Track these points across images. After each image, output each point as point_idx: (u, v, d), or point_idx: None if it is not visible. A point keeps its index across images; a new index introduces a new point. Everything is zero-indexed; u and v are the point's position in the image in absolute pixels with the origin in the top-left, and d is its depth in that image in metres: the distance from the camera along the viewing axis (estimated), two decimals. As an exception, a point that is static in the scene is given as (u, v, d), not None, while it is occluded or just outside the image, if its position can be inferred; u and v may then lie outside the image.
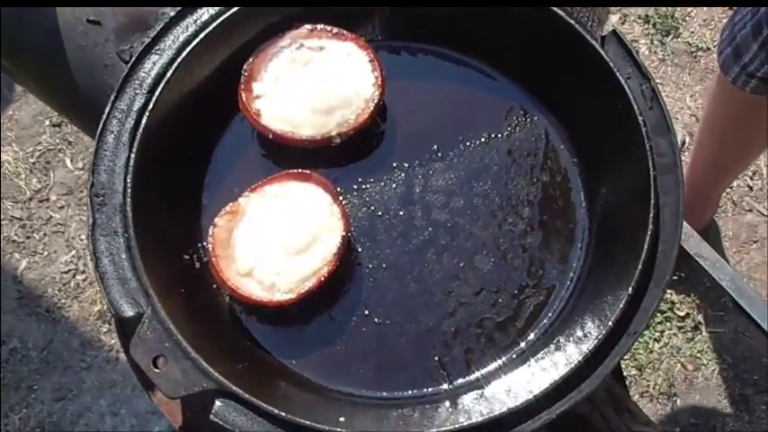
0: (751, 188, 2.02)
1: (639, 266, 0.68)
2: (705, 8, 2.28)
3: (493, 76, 0.88)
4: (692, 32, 2.25)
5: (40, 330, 2.00)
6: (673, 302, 1.91)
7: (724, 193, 1.99)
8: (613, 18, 2.32)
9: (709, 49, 2.22)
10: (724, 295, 1.89)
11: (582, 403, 0.72)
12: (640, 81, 0.78)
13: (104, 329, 1.98)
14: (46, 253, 2.10)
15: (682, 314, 1.89)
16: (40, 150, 2.22)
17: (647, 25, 2.28)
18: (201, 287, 0.79)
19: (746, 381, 1.83)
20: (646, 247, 0.68)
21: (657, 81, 2.12)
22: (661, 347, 1.85)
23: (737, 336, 1.87)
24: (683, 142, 2.07)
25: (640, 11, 2.29)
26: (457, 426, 0.64)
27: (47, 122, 2.24)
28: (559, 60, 0.82)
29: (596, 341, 0.66)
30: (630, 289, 0.67)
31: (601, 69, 0.78)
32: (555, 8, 0.79)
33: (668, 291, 1.90)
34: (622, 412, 0.78)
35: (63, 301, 2.04)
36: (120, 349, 1.96)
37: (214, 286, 0.79)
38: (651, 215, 0.70)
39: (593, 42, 0.78)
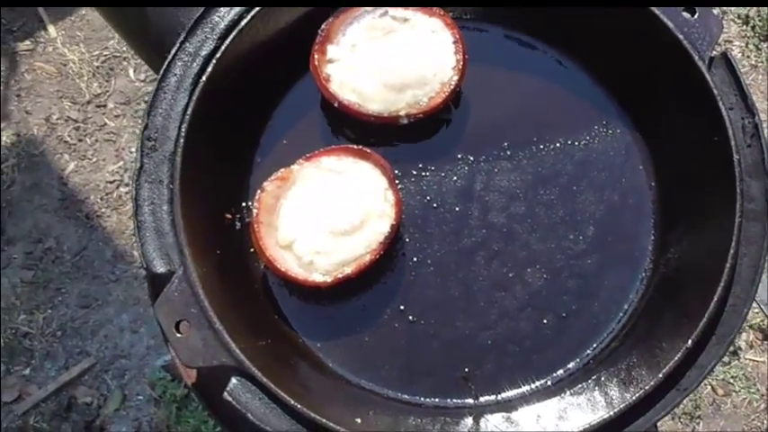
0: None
1: (704, 319, 0.63)
2: (812, 20, 2.14)
3: (582, 78, 0.82)
4: (793, 44, 2.12)
5: (77, 235, 2.02)
6: (714, 324, 1.84)
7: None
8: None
9: (807, 64, 2.08)
10: (771, 328, 1.82)
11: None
12: (743, 114, 0.71)
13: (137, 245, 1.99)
14: (95, 159, 2.10)
15: (721, 338, 1.82)
16: (105, 55, 2.20)
17: (745, 27, 2.15)
18: (238, 250, 0.76)
19: (777, 417, 1.77)
20: (715, 299, 0.63)
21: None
22: (693, 369, 1.79)
23: (776, 369, 1.80)
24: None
25: (741, 9, 2.16)
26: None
27: (116, 28, 2.22)
28: (658, 75, 0.75)
29: (642, 391, 0.61)
30: (690, 342, 0.62)
31: (702, 93, 0.71)
32: (665, 19, 0.72)
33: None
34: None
35: (103, 210, 2.05)
36: (151, 268, 1.97)
37: (251, 250, 0.76)
38: (728, 265, 0.64)
39: (700, 63, 0.71)
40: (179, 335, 0.64)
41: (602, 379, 0.68)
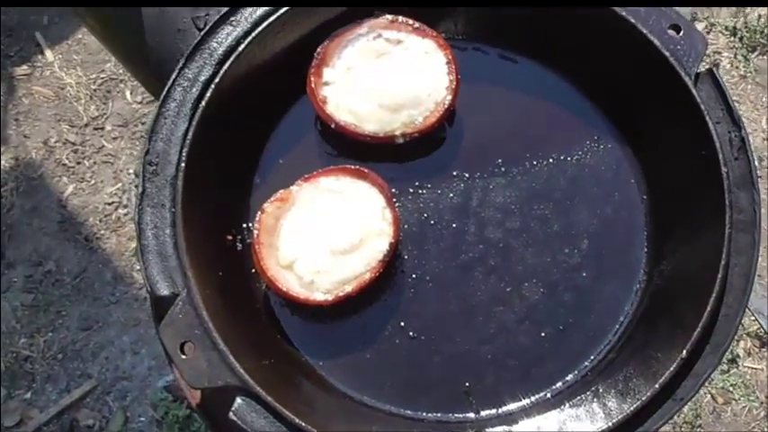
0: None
1: (698, 329, 0.64)
2: (799, 30, 2.17)
3: (573, 95, 0.83)
4: (781, 53, 2.15)
5: (76, 257, 2.03)
6: (712, 332, 1.85)
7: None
8: (699, 26, 2.22)
9: (795, 73, 2.11)
10: (768, 335, 1.84)
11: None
12: (730, 128, 0.73)
13: (137, 267, 2.00)
14: (93, 181, 2.11)
15: (719, 346, 1.83)
16: (102, 78, 2.22)
17: (733, 38, 2.18)
18: (239, 271, 0.77)
19: (777, 423, 1.78)
20: (708, 309, 0.64)
21: (734, 99, 2.03)
22: (692, 377, 1.80)
23: (776, 375, 1.82)
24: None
25: (729, 22, 2.19)
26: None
27: (112, 51, 2.24)
28: (647, 91, 0.77)
29: (640, 402, 0.63)
30: (685, 352, 0.64)
31: (689, 108, 0.73)
32: (652, 37, 0.74)
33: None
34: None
35: (102, 231, 2.06)
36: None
37: (252, 271, 0.77)
38: (719, 276, 0.66)
39: (686, 79, 0.73)
40: (184, 356, 0.65)
41: (601, 390, 0.70)
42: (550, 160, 0.82)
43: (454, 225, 0.79)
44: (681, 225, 0.75)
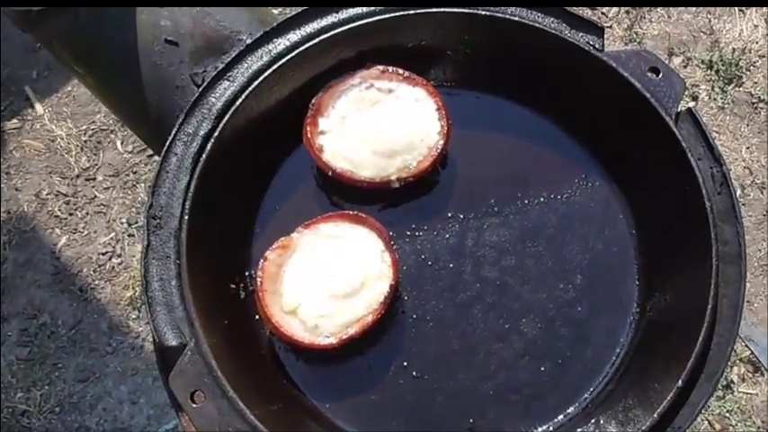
0: (794, 254, 1.98)
1: (692, 359, 0.67)
2: (773, 61, 2.24)
3: (560, 136, 0.87)
4: (756, 83, 2.21)
5: (71, 309, 2.03)
6: (705, 359, 1.87)
7: (758, 263, 1.96)
8: (676, 60, 2.28)
9: (771, 102, 2.17)
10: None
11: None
12: (711, 164, 0.76)
13: (133, 316, 2.00)
14: (86, 232, 2.12)
15: (713, 372, 1.86)
16: (93, 129, 2.25)
17: (709, 71, 2.24)
18: (244, 318, 0.79)
19: (775, 446, 1.80)
20: (701, 339, 0.67)
21: (714, 130, 2.08)
22: (688, 405, 1.82)
23: (770, 400, 1.84)
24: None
25: (705, 56, 2.25)
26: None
27: (102, 103, 2.27)
28: (631, 131, 0.80)
29: (639, 427, 0.65)
30: (681, 382, 0.66)
31: (672, 147, 0.76)
32: (633, 80, 0.78)
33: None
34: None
35: (97, 282, 2.06)
36: (145, 338, 1.98)
37: (256, 317, 0.79)
38: (709, 306, 0.68)
39: (667, 118, 0.77)
40: (194, 405, 0.66)
41: (602, 422, 0.71)
42: (541, 199, 0.85)
43: (451, 265, 0.82)
44: (669, 258, 0.78)
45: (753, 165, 2.11)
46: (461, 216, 0.84)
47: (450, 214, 0.84)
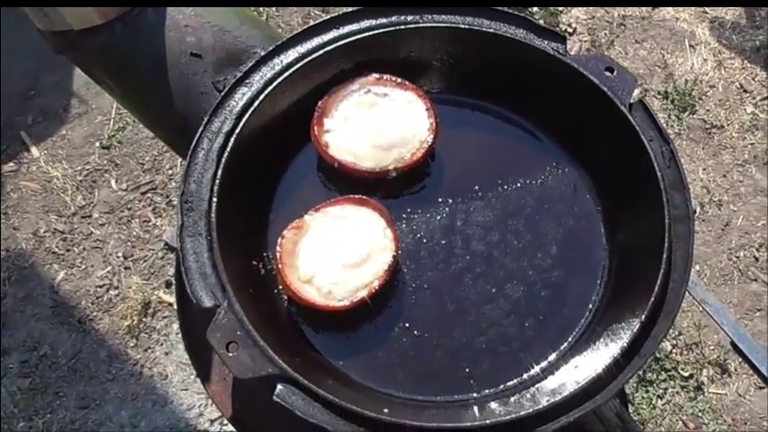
0: (757, 259, 2.12)
1: (652, 299, 0.79)
2: (721, 88, 2.43)
3: (533, 130, 1.00)
4: (708, 110, 2.39)
5: (71, 340, 2.10)
6: (677, 362, 2.00)
7: (731, 262, 2.10)
8: (634, 92, 2.45)
9: (722, 126, 2.35)
10: (727, 356, 1.99)
11: (596, 422, 0.82)
12: (661, 144, 0.90)
13: (131, 344, 2.08)
14: (83, 266, 2.21)
15: (686, 374, 1.98)
16: (87, 169, 2.35)
17: (665, 101, 2.42)
18: (265, 291, 0.90)
19: (745, 442, 1.91)
20: (659, 282, 0.79)
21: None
22: (664, 404, 1.93)
23: (738, 398, 1.95)
24: (694, 211, 2.19)
25: (661, 87, 2.43)
26: (488, 421, 0.74)
27: (97, 144, 2.38)
28: (593, 121, 0.94)
29: (611, 359, 0.76)
30: (643, 317, 0.78)
31: (628, 132, 0.90)
32: (593, 78, 0.92)
33: (673, 351, 2.00)
34: (629, 434, 0.88)
35: (95, 313, 2.14)
36: (144, 363, 2.05)
37: (275, 291, 0.90)
38: (665, 257, 0.81)
39: (623, 108, 0.90)
40: (231, 354, 0.77)
41: (579, 363, 0.83)
42: (519, 185, 0.98)
43: (444, 242, 0.94)
44: (631, 225, 0.91)
45: (710, 184, 2.28)
46: (450, 201, 0.96)
47: (440, 199, 0.97)
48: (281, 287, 0.88)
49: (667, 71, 2.48)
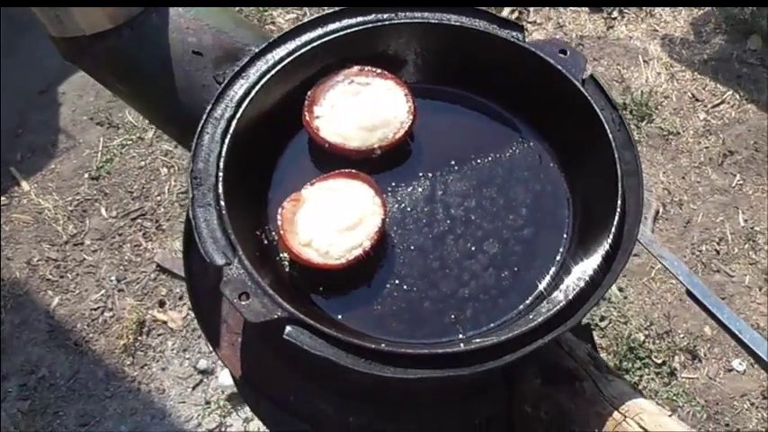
0: (718, 252, 2.26)
1: (610, 237, 0.90)
2: (675, 98, 2.59)
3: (500, 111, 1.13)
4: (664, 119, 2.55)
5: (68, 361, 2.16)
6: (650, 350, 2.11)
7: (694, 256, 2.24)
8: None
9: (678, 133, 2.51)
10: (696, 343, 2.10)
11: (570, 359, 0.93)
12: (611, 111, 1.02)
13: (128, 362, 2.14)
14: (77, 291, 2.28)
15: (659, 362, 2.09)
16: (78, 200, 2.43)
17: (624, 111, 2.57)
18: (269, 257, 1.00)
19: (719, 421, 2.01)
20: (615, 222, 0.91)
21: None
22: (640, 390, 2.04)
23: (709, 381, 2.06)
24: (657, 211, 2.33)
25: (619, 99, 2.59)
26: (473, 346, 0.84)
27: (86, 175, 2.47)
28: (551, 97, 1.07)
29: (576, 291, 0.87)
30: (604, 252, 0.89)
31: (582, 103, 1.02)
32: (549, 59, 1.05)
33: (646, 341, 2.11)
34: (601, 369, 0.98)
35: (91, 335, 2.20)
36: (141, 380, 2.12)
37: (277, 258, 1.00)
38: (619, 203, 0.93)
39: (576, 83, 1.03)
40: (243, 302, 0.86)
41: (550, 302, 0.94)
42: (490, 158, 1.10)
43: (426, 209, 1.05)
44: (589, 183, 1.03)
45: (670, 186, 2.42)
46: (430, 174, 1.08)
47: (421, 174, 1.08)
48: (282, 253, 0.99)
49: (624, 84, 2.65)
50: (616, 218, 0.92)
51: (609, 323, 2.18)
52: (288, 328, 0.86)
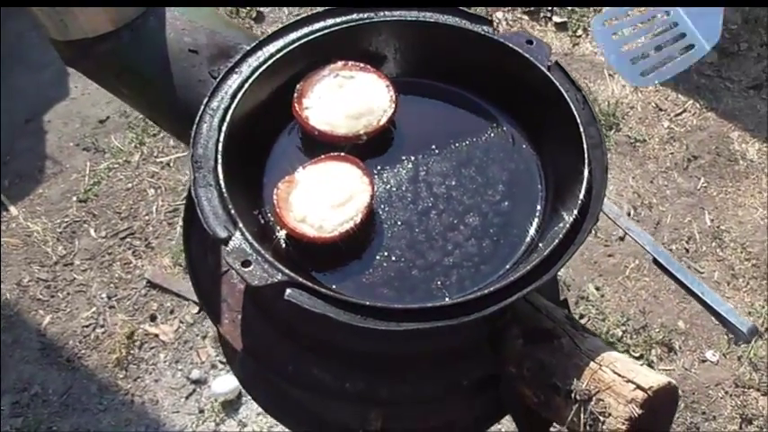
0: (687, 250, 2.36)
1: (579, 202, 0.99)
2: (640, 108, 2.72)
3: (475, 99, 1.22)
4: (631, 128, 2.67)
5: (61, 378, 2.19)
6: (628, 345, 2.19)
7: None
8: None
9: (645, 140, 2.63)
10: (671, 336, 2.19)
11: (547, 320, 1.01)
12: (575, 93, 1.12)
13: (121, 375, 2.18)
14: (68, 310, 2.32)
15: (636, 355, 2.17)
16: (66, 222, 2.48)
17: (593, 122, 2.68)
18: (266, 235, 1.07)
19: (695, 410, 2.09)
20: (583, 187, 1.00)
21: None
22: (618, 380, 2.11)
23: (685, 372, 2.15)
24: (629, 212, 2.44)
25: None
26: (458, 300, 0.92)
27: (74, 198, 2.53)
28: (520, 84, 1.16)
29: (552, 247, 0.96)
30: (574, 213, 0.98)
31: (549, 86, 1.12)
32: (517, 48, 1.14)
33: (624, 336, 2.20)
34: (577, 327, 1.06)
35: (83, 351, 2.24)
36: (134, 392, 2.15)
37: (274, 237, 1.08)
38: (586, 171, 1.02)
39: (543, 68, 1.13)
40: (246, 269, 0.93)
41: (529, 260, 1.02)
42: (468, 142, 1.19)
43: (410, 188, 1.13)
44: (558, 157, 1.12)
45: (639, 190, 2.53)
46: (413, 158, 1.17)
47: (404, 157, 1.17)
48: (278, 228, 1.06)
49: (592, 96, 2.77)
50: (584, 183, 1.01)
51: (588, 321, 2.26)
52: (288, 291, 0.93)
